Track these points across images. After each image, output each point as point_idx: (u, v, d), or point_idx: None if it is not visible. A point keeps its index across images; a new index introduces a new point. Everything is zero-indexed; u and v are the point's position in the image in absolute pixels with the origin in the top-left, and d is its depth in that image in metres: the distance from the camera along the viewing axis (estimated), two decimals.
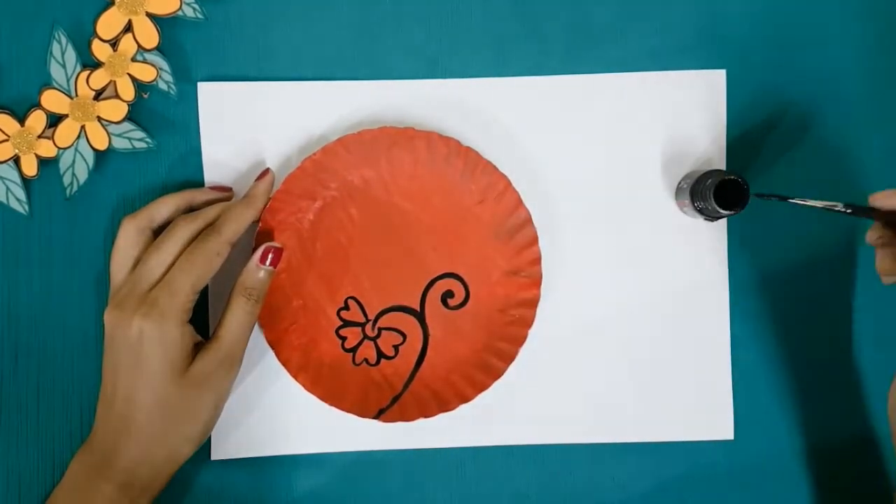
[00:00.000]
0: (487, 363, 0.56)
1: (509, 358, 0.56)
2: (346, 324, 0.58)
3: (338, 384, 0.56)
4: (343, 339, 0.58)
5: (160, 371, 0.51)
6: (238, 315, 0.53)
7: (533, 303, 0.56)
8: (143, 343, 0.50)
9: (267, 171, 0.56)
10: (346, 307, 0.58)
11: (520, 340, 0.56)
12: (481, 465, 0.58)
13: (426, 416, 0.56)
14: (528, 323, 0.56)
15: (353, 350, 0.58)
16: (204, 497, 0.58)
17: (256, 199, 0.55)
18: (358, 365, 0.57)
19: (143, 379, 0.51)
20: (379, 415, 0.56)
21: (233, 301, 0.53)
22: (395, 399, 0.57)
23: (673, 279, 0.58)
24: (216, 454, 0.57)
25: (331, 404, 0.56)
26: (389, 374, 0.57)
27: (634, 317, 0.58)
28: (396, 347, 0.58)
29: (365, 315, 0.58)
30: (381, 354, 0.58)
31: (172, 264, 0.52)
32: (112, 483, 0.51)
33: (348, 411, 0.56)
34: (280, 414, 0.57)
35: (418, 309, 0.57)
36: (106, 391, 0.52)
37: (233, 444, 0.58)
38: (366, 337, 0.58)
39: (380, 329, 0.57)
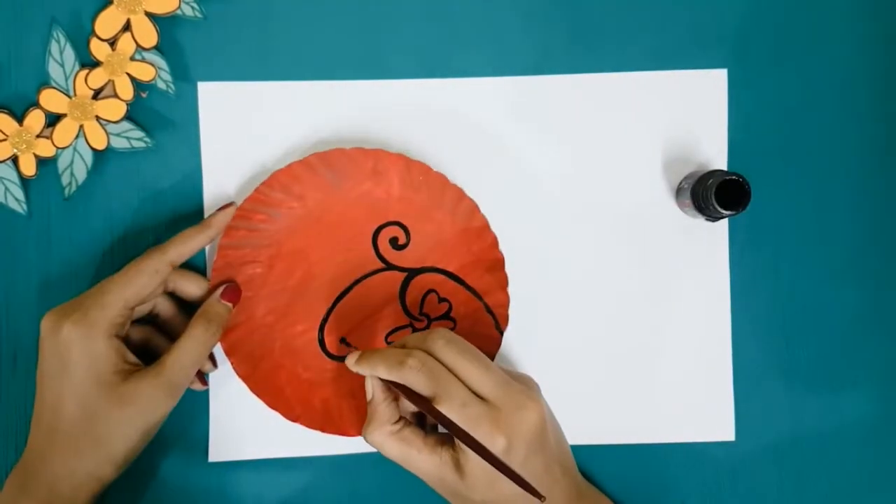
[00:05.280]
0: None
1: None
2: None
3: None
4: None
5: (85, 381, 0.50)
6: (190, 346, 0.52)
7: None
8: (70, 350, 0.50)
9: (230, 203, 0.55)
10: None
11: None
12: None
13: None
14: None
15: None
16: (201, 499, 0.57)
17: (210, 227, 0.54)
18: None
19: (69, 387, 0.50)
20: None
21: (189, 330, 0.52)
22: None
23: (673, 279, 0.58)
24: (213, 456, 0.57)
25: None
26: None
27: (635, 317, 0.58)
28: None
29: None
30: None
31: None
32: (34, 499, 0.50)
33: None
34: (277, 416, 0.57)
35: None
36: (37, 401, 0.51)
37: (230, 447, 0.57)
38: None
39: None
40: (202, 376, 0.56)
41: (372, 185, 0.56)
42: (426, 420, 0.54)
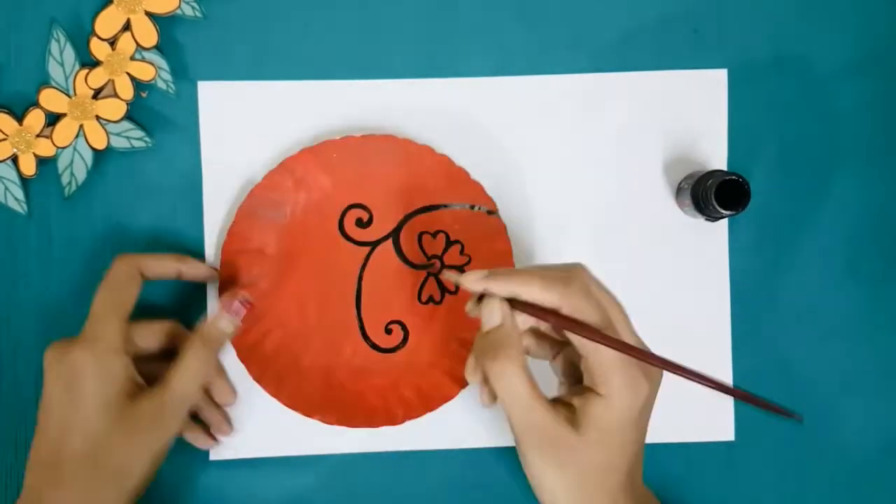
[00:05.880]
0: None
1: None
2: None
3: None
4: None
5: (94, 407, 0.48)
6: (193, 364, 0.51)
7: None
8: (81, 373, 0.48)
9: (215, 270, 0.55)
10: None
11: None
12: (481, 466, 0.58)
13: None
14: None
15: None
16: (202, 498, 0.57)
17: (185, 262, 0.54)
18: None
19: (75, 417, 0.48)
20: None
21: (187, 347, 0.51)
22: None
23: (673, 279, 0.58)
24: (215, 455, 0.57)
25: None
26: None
27: (634, 317, 0.58)
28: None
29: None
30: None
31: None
32: None
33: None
34: (278, 415, 0.57)
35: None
36: (36, 438, 0.49)
37: (231, 446, 0.57)
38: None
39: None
40: (211, 434, 0.56)
41: (305, 194, 0.56)
42: None
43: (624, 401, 0.45)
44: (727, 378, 0.58)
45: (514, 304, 0.47)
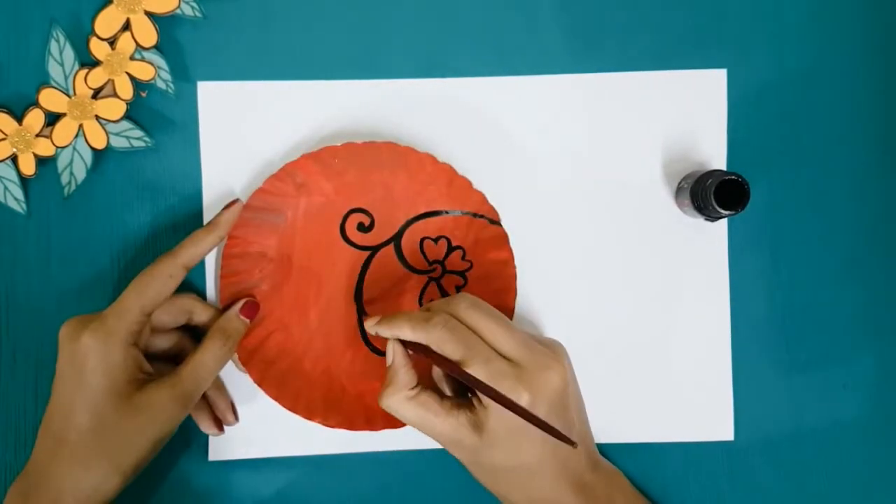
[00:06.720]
0: None
1: None
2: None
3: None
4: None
5: (100, 390, 0.49)
6: (207, 358, 0.52)
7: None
8: (87, 359, 0.50)
9: (236, 200, 0.55)
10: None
11: None
12: None
13: None
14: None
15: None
16: (202, 498, 0.57)
17: (218, 227, 0.54)
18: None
19: (82, 396, 0.50)
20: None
21: (206, 343, 0.53)
22: None
23: (673, 279, 0.58)
24: (214, 455, 0.57)
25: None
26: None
27: (634, 317, 0.58)
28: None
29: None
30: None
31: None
32: None
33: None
34: (278, 415, 0.57)
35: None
36: (48, 409, 0.51)
37: (230, 445, 0.57)
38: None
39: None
40: (220, 424, 0.56)
41: (306, 198, 0.56)
42: (438, 388, 0.54)
43: (501, 409, 0.49)
44: (727, 377, 0.58)
45: (405, 342, 0.52)
